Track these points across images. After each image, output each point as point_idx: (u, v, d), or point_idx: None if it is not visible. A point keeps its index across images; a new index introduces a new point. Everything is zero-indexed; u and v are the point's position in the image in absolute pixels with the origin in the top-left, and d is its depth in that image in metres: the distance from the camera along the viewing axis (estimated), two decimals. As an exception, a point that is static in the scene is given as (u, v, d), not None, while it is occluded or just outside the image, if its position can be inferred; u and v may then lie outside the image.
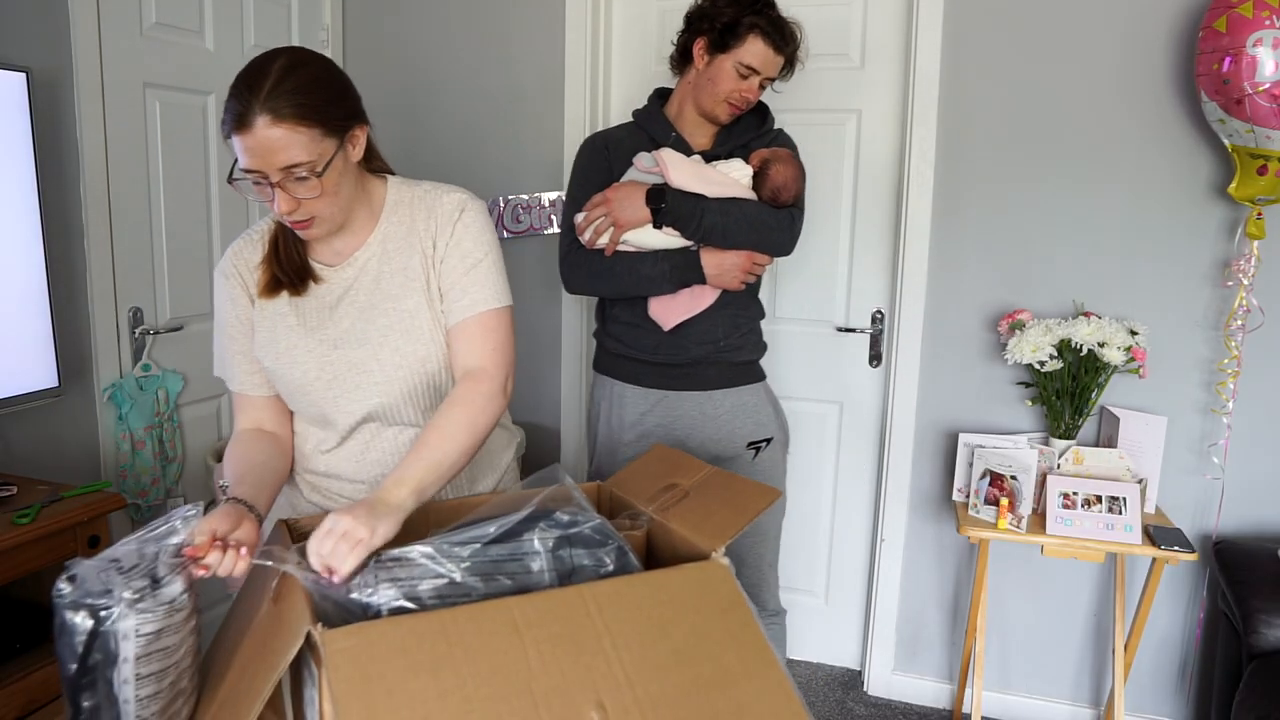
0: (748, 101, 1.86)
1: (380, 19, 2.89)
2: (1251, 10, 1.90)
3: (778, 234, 1.85)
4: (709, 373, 1.94)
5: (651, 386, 1.95)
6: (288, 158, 1.15)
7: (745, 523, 1.15)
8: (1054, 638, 2.53)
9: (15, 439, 2.04)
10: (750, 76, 1.82)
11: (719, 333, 1.92)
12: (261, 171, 1.16)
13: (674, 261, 1.84)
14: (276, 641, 0.92)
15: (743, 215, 1.81)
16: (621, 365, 1.98)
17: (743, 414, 1.95)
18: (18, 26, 1.98)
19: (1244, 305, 2.18)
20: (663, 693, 0.91)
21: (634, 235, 1.82)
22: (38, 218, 1.92)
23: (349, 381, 1.34)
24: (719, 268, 1.84)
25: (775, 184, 1.83)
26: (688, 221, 1.79)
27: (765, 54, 1.81)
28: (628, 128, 1.99)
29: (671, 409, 1.95)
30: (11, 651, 1.77)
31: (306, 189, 1.19)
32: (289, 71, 1.16)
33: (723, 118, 1.88)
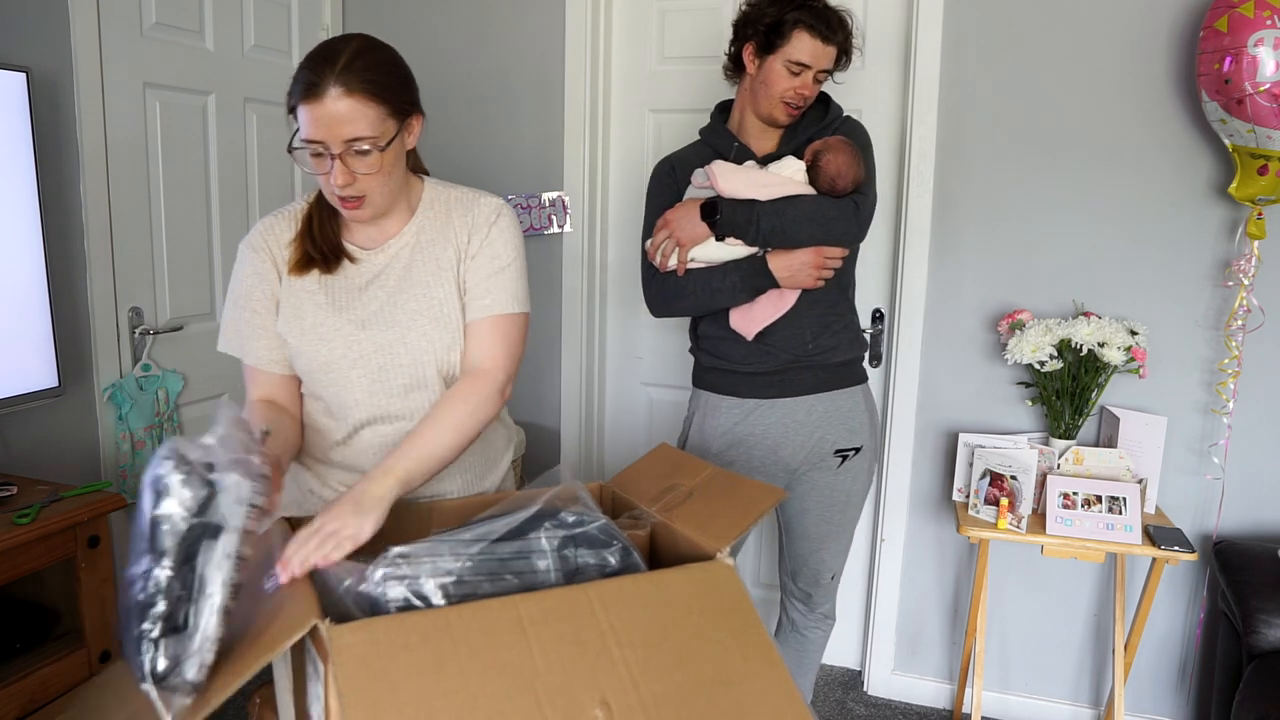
0: (804, 99, 1.81)
1: (380, 19, 2.89)
2: (1253, 10, 1.91)
3: (840, 224, 1.78)
4: (803, 378, 1.89)
5: (745, 396, 1.90)
6: (353, 130, 1.20)
7: (750, 523, 1.15)
8: (1054, 638, 2.53)
9: (15, 439, 2.03)
10: (802, 73, 1.78)
11: (806, 335, 1.87)
12: (324, 142, 1.20)
13: (742, 270, 1.80)
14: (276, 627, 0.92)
15: (799, 212, 1.76)
16: (714, 377, 1.95)
17: (836, 420, 1.91)
18: (18, 26, 1.98)
19: (1244, 305, 2.18)
20: (666, 692, 0.91)
21: (700, 251, 1.80)
22: (38, 218, 1.92)
23: (374, 362, 1.35)
24: (789, 269, 1.79)
25: (829, 174, 1.77)
26: (745, 228, 1.76)
27: (813, 47, 1.76)
28: (695, 146, 1.97)
29: (765, 417, 1.90)
30: (11, 651, 1.77)
31: (366, 164, 1.23)
32: (362, 52, 1.22)
33: (782, 119, 1.84)
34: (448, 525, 1.21)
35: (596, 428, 2.94)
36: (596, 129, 2.75)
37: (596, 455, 2.96)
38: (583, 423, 2.88)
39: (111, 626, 1.89)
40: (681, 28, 2.71)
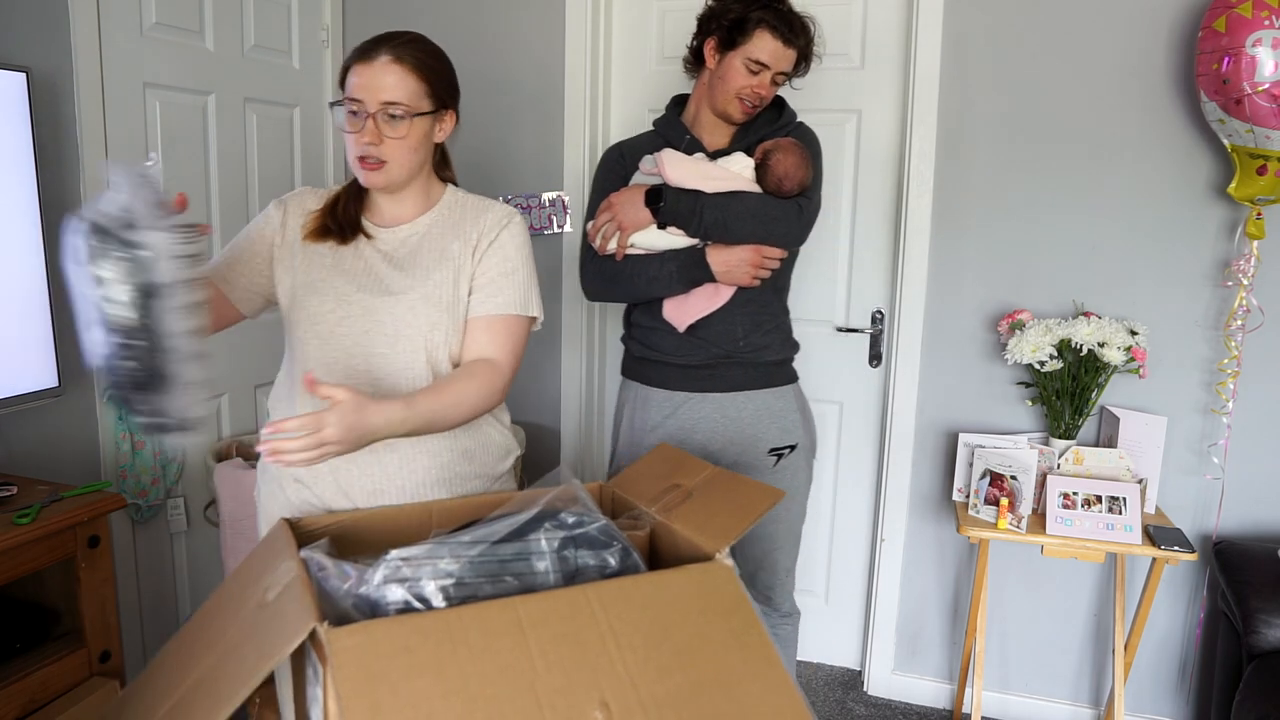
0: (760, 98, 1.83)
1: (380, 19, 2.89)
2: (1251, 10, 1.91)
3: (782, 224, 1.80)
4: (733, 373, 1.90)
5: (674, 389, 1.92)
6: (391, 94, 1.32)
7: (749, 524, 1.15)
8: (1054, 638, 2.53)
9: (15, 439, 2.03)
10: (760, 72, 1.80)
11: (738, 331, 1.88)
12: (363, 101, 1.32)
13: (680, 260, 1.81)
14: (276, 633, 0.92)
15: (743, 208, 1.78)
16: (644, 368, 1.96)
17: (767, 418, 1.91)
18: (18, 26, 1.98)
19: (1244, 305, 2.18)
20: (666, 693, 0.91)
21: (640, 237, 1.81)
22: (38, 218, 1.92)
23: (359, 324, 1.40)
24: (727, 264, 1.80)
25: (777, 174, 1.79)
26: (688, 218, 1.77)
27: (774, 48, 1.78)
28: (648, 135, 1.98)
29: (694, 411, 1.91)
30: (11, 651, 1.77)
31: (395, 129, 1.34)
32: (418, 40, 1.39)
33: (736, 116, 1.85)
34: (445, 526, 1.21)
35: (596, 428, 2.94)
36: (596, 129, 2.75)
37: (596, 455, 2.96)
38: (583, 423, 2.88)
39: (111, 626, 1.89)
40: (681, 28, 2.71)
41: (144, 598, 2.40)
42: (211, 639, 1.03)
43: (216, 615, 1.07)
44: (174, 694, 0.99)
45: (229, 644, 0.98)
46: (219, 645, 1.00)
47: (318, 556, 1.00)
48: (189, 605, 2.56)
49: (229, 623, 1.02)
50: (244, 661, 0.92)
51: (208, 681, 0.96)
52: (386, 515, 1.24)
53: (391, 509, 1.26)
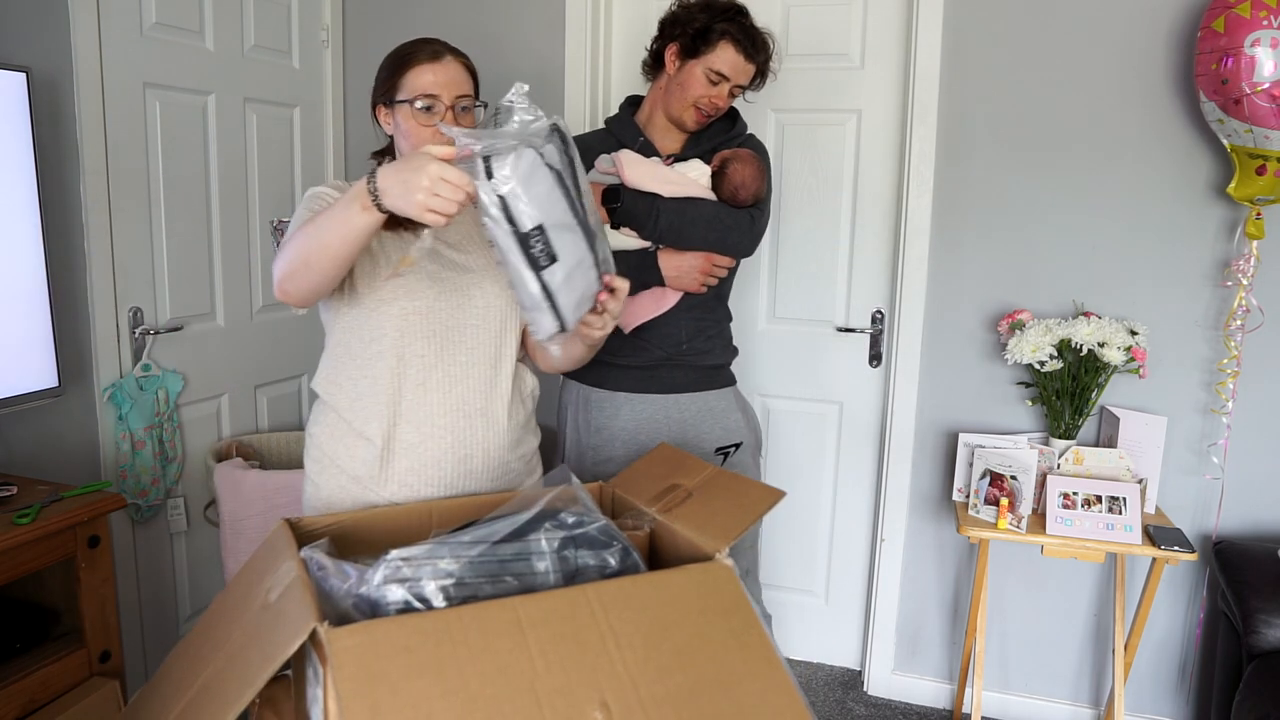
0: (716, 108, 1.85)
1: (380, 19, 2.89)
2: (1249, 10, 1.91)
3: (735, 234, 1.83)
4: (675, 375, 1.92)
5: (616, 389, 1.93)
6: (462, 89, 1.46)
7: (749, 523, 1.15)
8: (1054, 638, 2.53)
9: (15, 439, 2.03)
10: (720, 83, 1.82)
11: (682, 335, 1.90)
12: (439, 96, 1.43)
13: (631, 262, 1.82)
14: (278, 635, 0.92)
15: (699, 215, 1.80)
16: (585, 368, 1.93)
17: (710, 418, 1.93)
18: (18, 26, 1.98)
19: (1243, 305, 2.18)
20: (666, 693, 0.91)
21: None
22: (38, 218, 1.92)
23: (453, 299, 1.45)
24: (677, 269, 1.83)
25: (734, 183, 1.81)
26: (643, 221, 1.78)
27: (735, 61, 1.81)
28: (599, 134, 1.99)
29: (637, 412, 1.92)
30: (11, 651, 1.77)
31: (468, 120, 1.48)
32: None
33: (689, 124, 1.88)
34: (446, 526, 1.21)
35: (596, 427, 2.94)
36: (596, 127, 2.75)
37: (596, 455, 2.96)
38: (583, 422, 2.87)
39: (111, 626, 1.89)
40: (681, 27, 2.71)
41: (144, 598, 2.40)
42: (218, 641, 1.03)
43: (222, 617, 1.08)
44: (183, 697, 1.00)
45: (234, 646, 0.99)
46: (224, 648, 1.00)
47: (318, 556, 1.00)
48: (189, 605, 2.56)
49: (234, 625, 1.03)
50: (249, 664, 0.92)
51: (215, 684, 0.96)
52: (386, 515, 1.24)
53: (391, 509, 1.26)
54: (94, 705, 1.81)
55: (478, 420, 1.46)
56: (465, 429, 1.45)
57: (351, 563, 1.01)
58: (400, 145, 1.49)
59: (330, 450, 1.46)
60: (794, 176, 2.64)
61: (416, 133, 1.45)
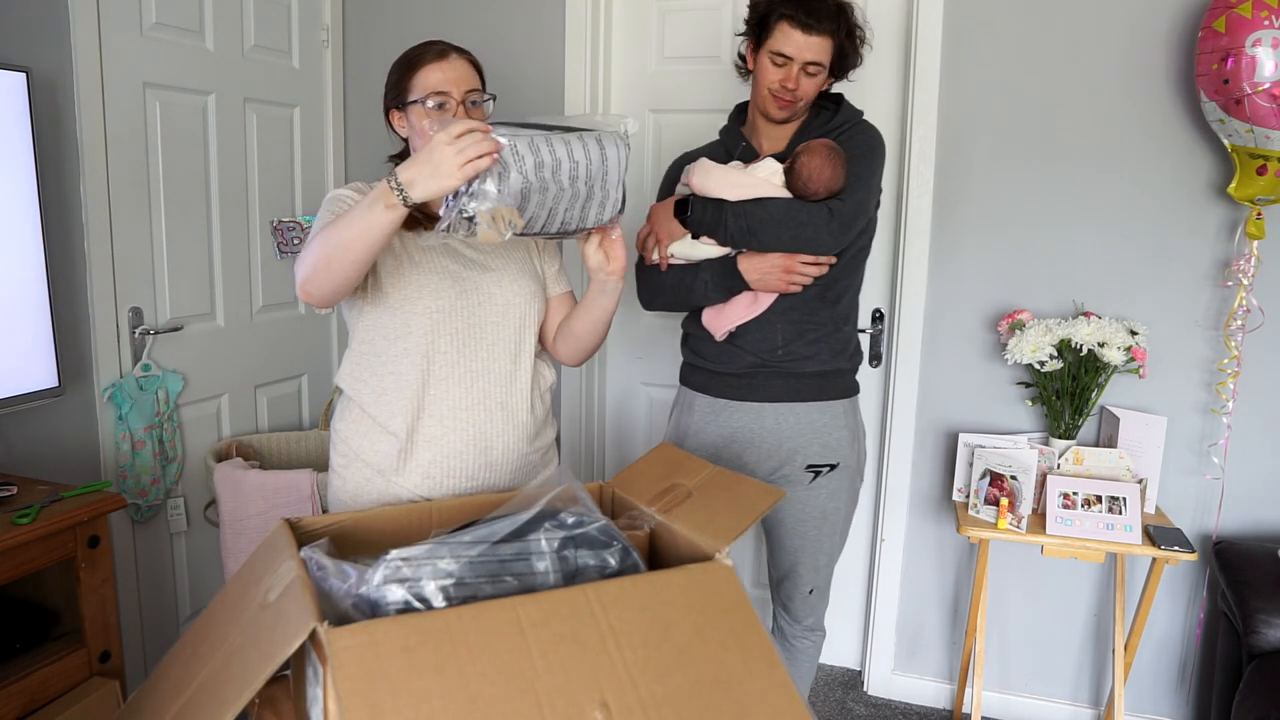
0: (790, 92, 1.77)
1: (380, 19, 2.89)
2: (1250, 10, 1.91)
3: (809, 230, 1.74)
4: (772, 384, 1.86)
5: (716, 395, 1.91)
6: (471, 84, 1.49)
7: (749, 523, 1.15)
8: (1054, 638, 2.53)
9: (15, 439, 2.03)
10: (786, 64, 1.75)
11: (777, 340, 1.84)
12: (449, 93, 1.47)
13: (713, 270, 1.81)
14: (277, 634, 0.92)
15: (767, 215, 1.74)
16: (692, 374, 1.97)
17: (809, 433, 1.86)
18: (18, 26, 1.98)
19: (1244, 305, 2.18)
20: (666, 693, 0.91)
21: (679, 248, 1.81)
22: (38, 218, 1.92)
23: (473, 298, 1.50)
24: (759, 272, 1.78)
25: (801, 177, 1.74)
26: (715, 228, 1.76)
27: (795, 38, 1.73)
28: (712, 145, 1.98)
29: (732, 419, 1.89)
30: (11, 651, 1.77)
31: (478, 114, 1.50)
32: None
33: (773, 113, 1.82)
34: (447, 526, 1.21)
35: (596, 428, 2.94)
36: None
37: (597, 455, 2.96)
38: (583, 423, 2.88)
39: (111, 626, 1.89)
40: (681, 28, 2.71)
41: (144, 598, 2.40)
42: (216, 641, 1.03)
43: (220, 617, 1.08)
44: (181, 697, 1.00)
45: (232, 646, 0.99)
46: (223, 647, 1.00)
47: (318, 556, 1.00)
48: (189, 605, 2.56)
49: (232, 624, 1.02)
50: (247, 663, 0.92)
51: (212, 684, 0.96)
52: (386, 515, 1.24)
53: (391, 509, 1.26)
54: (94, 705, 1.81)
55: (497, 413, 1.51)
56: (485, 421, 1.50)
57: (351, 563, 1.01)
58: (415, 145, 1.52)
59: (355, 445, 1.52)
60: (794, 176, 2.64)
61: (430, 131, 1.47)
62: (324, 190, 2.93)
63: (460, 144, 1.17)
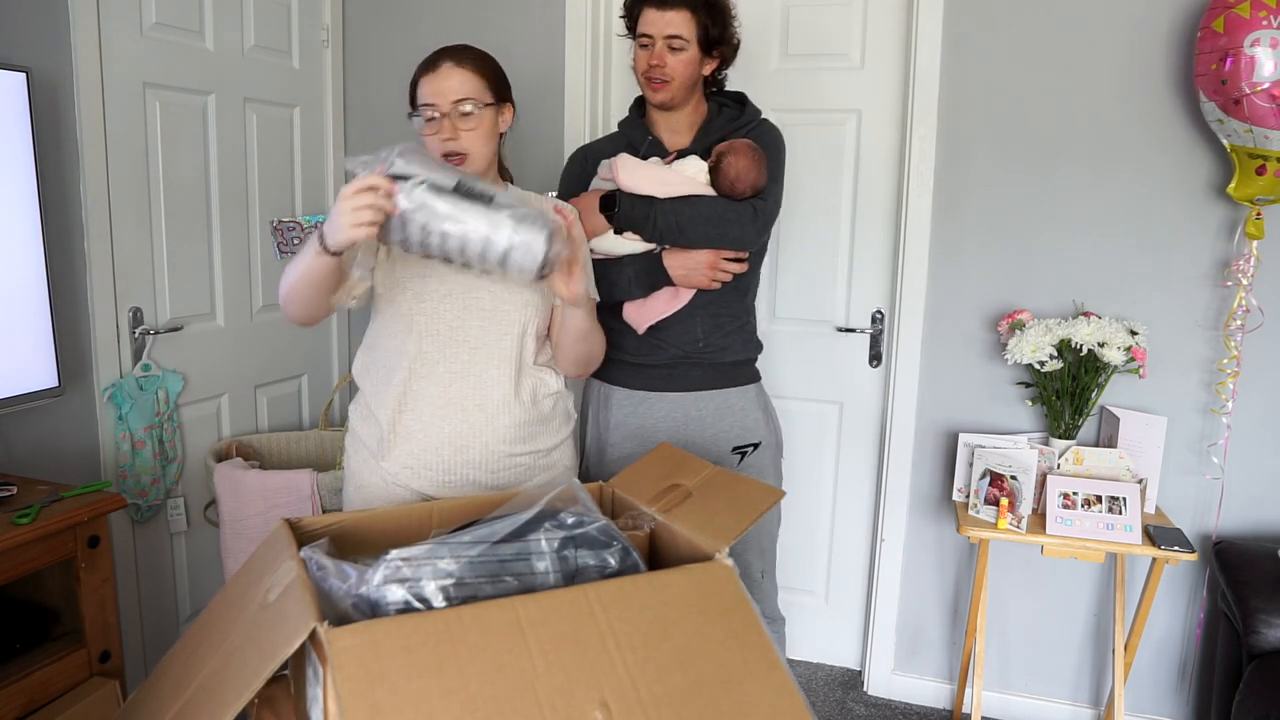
0: (659, 69, 1.81)
1: (380, 19, 2.89)
2: (1249, 10, 1.91)
3: (736, 228, 1.81)
4: (692, 374, 1.92)
5: (636, 388, 1.94)
6: (460, 92, 1.49)
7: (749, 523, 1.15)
8: (1054, 638, 2.53)
9: (15, 439, 2.03)
10: (650, 44, 1.81)
11: (698, 332, 1.89)
12: (436, 105, 1.48)
13: (638, 266, 1.83)
14: (277, 634, 0.92)
15: (696, 212, 1.78)
16: (606, 367, 1.93)
17: (728, 417, 1.93)
18: (18, 26, 1.98)
19: (1243, 305, 2.18)
20: (666, 693, 0.91)
21: (599, 243, 1.83)
22: (38, 218, 1.92)
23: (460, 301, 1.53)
24: (684, 268, 1.82)
25: (729, 176, 1.79)
26: (642, 224, 1.79)
27: (649, 15, 1.80)
28: (612, 137, 2.00)
29: (654, 410, 1.93)
30: (11, 651, 1.77)
31: (468, 122, 1.50)
32: (472, 46, 1.57)
33: (651, 97, 1.87)
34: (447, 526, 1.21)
35: (596, 427, 2.94)
36: (596, 129, 2.75)
37: (596, 455, 2.96)
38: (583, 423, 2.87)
39: (111, 626, 1.89)
40: (681, 28, 2.71)
41: (144, 598, 2.40)
42: (216, 641, 1.03)
43: (220, 617, 1.08)
44: (181, 696, 1.00)
45: (232, 646, 0.99)
46: (223, 647, 1.00)
47: (318, 556, 1.00)
48: (189, 605, 2.56)
49: (232, 624, 1.02)
50: (247, 663, 0.92)
51: (213, 684, 0.96)
52: (387, 515, 1.25)
53: (392, 509, 1.26)
54: (94, 705, 1.81)
55: (476, 415, 1.56)
56: (461, 421, 1.56)
57: (351, 563, 1.02)
58: None
59: (358, 428, 1.65)
60: (794, 177, 2.64)
61: (428, 143, 1.53)
62: (324, 190, 2.93)
63: (356, 201, 1.23)
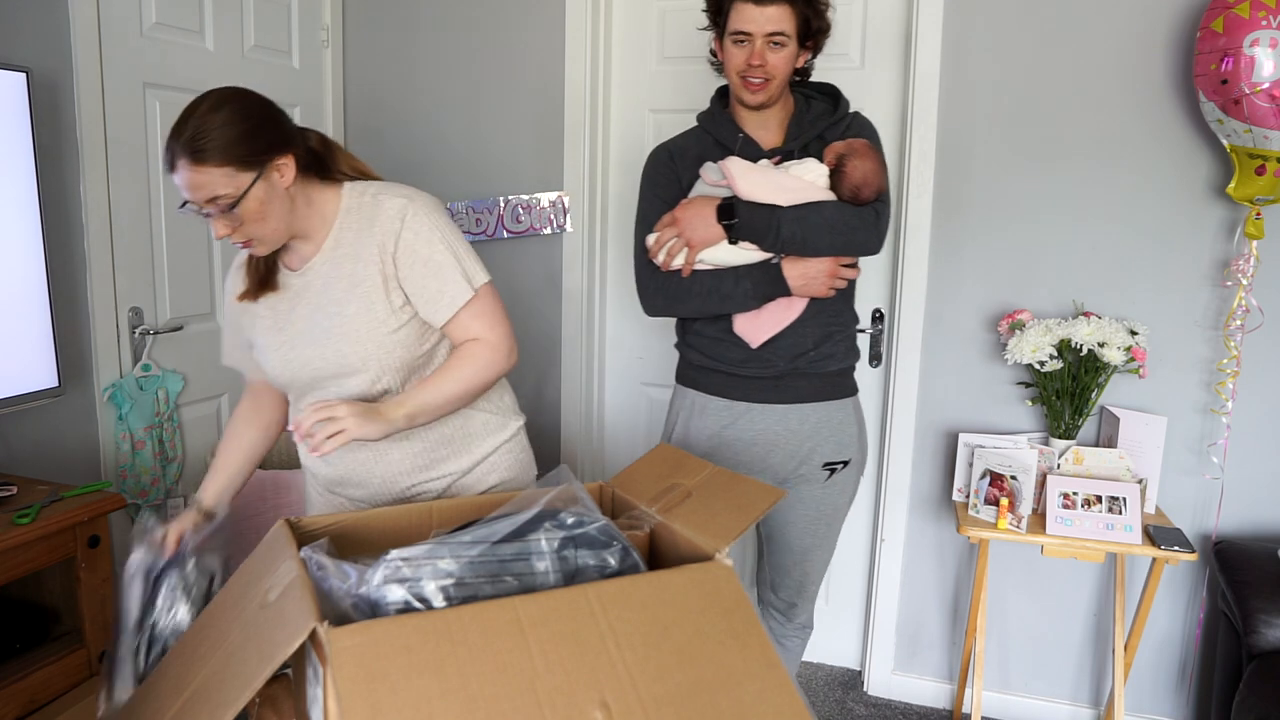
0: (759, 69, 1.69)
1: (380, 19, 2.89)
2: (1248, 10, 1.91)
3: (862, 234, 1.70)
4: (799, 385, 1.82)
5: (736, 399, 1.83)
6: (209, 192, 1.29)
7: (749, 523, 1.15)
8: (1054, 638, 2.53)
9: (15, 439, 2.03)
10: (747, 42, 1.68)
11: (809, 343, 1.79)
12: (195, 203, 1.32)
13: (755, 277, 1.72)
14: (277, 634, 0.92)
15: (822, 220, 1.67)
16: (705, 378, 1.87)
17: (826, 430, 1.84)
18: (18, 26, 1.98)
19: (1243, 305, 2.18)
20: (666, 693, 0.91)
21: (712, 254, 1.71)
22: (38, 218, 1.92)
23: (305, 376, 1.46)
24: (804, 277, 1.71)
25: (855, 181, 1.69)
26: (763, 235, 1.67)
27: (746, 12, 1.67)
28: (694, 133, 1.86)
29: (755, 422, 1.83)
30: (11, 651, 1.77)
31: (230, 219, 1.33)
32: (208, 114, 1.28)
33: (747, 98, 1.73)
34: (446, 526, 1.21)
35: (596, 428, 2.94)
36: (596, 129, 2.75)
37: (596, 455, 2.96)
38: (583, 423, 2.88)
39: (111, 626, 1.89)
40: (681, 28, 2.71)
41: (144, 598, 2.40)
42: (215, 640, 1.03)
43: (220, 616, 1.08)
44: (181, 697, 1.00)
45: (232, 646, 0.99)
46: (222, 647, 1.00)
47: (317, 556, 1.00)
48: (189, 605, 2.56)
49: (232, 624, 1.02)
50: (246, 663, 0.92)
51: (213, 683, 0.96)
52: (387, 515, 1.24)
53: (392, 509, 1.26)
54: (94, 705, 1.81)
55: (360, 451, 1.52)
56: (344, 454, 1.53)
57: (351, 563, 1.02)
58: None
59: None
60: (794, 176, 2.64)
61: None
62: (324, 190, 2.92)
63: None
